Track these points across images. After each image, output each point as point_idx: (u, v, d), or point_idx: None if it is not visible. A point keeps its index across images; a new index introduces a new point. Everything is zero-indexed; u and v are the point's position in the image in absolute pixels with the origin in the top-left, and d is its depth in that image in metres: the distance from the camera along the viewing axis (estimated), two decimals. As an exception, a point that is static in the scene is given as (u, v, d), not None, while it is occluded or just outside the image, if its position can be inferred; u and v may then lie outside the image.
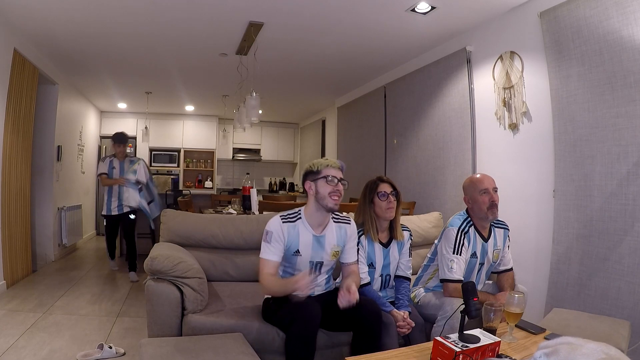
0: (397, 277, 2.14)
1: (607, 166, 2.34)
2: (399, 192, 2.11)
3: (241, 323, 1.84)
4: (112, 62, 4.59)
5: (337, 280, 2.10)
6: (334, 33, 3.66)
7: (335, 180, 1.80)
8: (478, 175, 2.10)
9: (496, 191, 2.04)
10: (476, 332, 1.39)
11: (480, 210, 2.02)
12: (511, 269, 2.18)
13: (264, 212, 3.70)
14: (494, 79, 3.19)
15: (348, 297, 1.64)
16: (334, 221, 1.91)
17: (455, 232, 2.02)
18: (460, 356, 1.24)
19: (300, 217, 1.86)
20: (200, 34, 3.71)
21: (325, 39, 3.82)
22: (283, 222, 1.83)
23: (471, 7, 3.08)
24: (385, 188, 2.07)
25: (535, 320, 1.79)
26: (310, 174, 1.85)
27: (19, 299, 3.24)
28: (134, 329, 2.73)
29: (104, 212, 4.19)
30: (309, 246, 1.84)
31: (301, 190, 8.13)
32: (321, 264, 1.88)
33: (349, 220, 1.96)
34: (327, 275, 1.96)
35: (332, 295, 1.84)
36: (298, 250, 1.83)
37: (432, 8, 3.08)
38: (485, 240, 2.09)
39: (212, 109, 7.42)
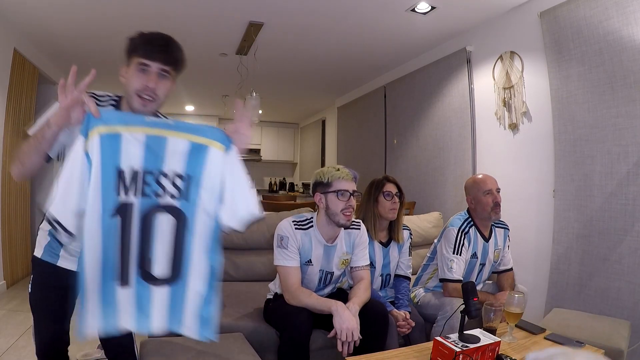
0: (396, 276, 2.13)
1: (607, 166, 2.34)
2: (403, 194, 2.09)
3: (241, 323, 1.84)
4: (112, 62, 4.57)
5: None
6: (334, 33, 3.66)
7: (348, 195, 1.67)
8: (480, 176, 2.10)
9: (499, 191, 2.05)
10: (476, 332, 1.39)
11: (484, 210, 2.02)
12: (511, 269, 2.19)
13: (264, 213, 3.70)
14: (494, 79, 3.19)
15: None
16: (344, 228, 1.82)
17: (456, 232, 2.02)
18: (460, 356, 1.24)
19: (312, 225, 1.74)
20: (200, 33, 3.71)
21: (325, 39, 3.82)
22: (296, 228, 1.71)
23: (471, 7, 3.08)
24: (391, 188, 2.06)
25: (535, 320, 1.79)
26: (320, 186, 1.71)
27: (19, 299, 3.23)
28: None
29: (38, 254, 1.29)
30: (320, 256, 1.75)
31: (301, 190, 8.13)
32: (331, 274, 1.80)
33: (359, 226, 1.85)
34: (334, 285, 1.89)
35: (335, 295, 1.83)
36: (310, 260, 1.74)
37: (432, 8, 3.08)
38: (487, 240, 2.09)
39: (212, 109, 7.41)
